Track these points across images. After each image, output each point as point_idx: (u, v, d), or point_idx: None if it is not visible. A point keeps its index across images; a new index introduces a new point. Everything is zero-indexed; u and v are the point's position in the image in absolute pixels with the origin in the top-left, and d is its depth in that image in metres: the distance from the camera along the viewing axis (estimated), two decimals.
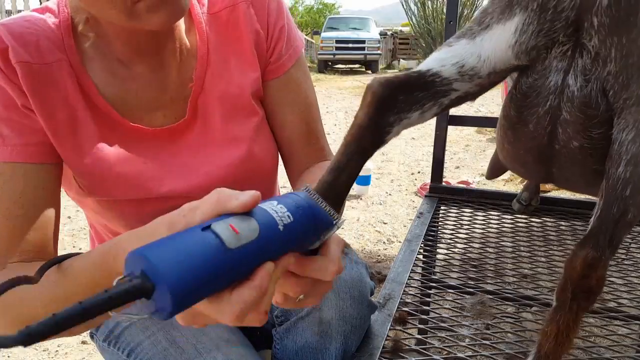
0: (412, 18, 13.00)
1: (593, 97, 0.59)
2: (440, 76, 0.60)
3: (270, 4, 0.76)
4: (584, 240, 0.56)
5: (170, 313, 0.33)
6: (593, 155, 0.63)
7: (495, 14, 0.61)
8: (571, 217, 1.27)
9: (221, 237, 0.36)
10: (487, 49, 0.60)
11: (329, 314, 0.71)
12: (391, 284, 0.94)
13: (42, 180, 0.63)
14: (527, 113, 0.66)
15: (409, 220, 2.90)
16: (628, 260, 1.08)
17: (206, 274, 0.34)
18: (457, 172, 3.87)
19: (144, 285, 0.32)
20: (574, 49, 0.59)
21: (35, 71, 0.62)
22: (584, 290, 0.56)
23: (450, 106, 0.62)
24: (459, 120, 1.49)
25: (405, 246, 1.10)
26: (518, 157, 0.75)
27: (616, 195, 0.56)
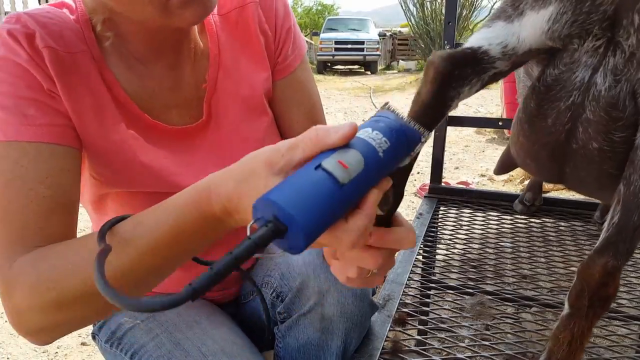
0: (411, 19, 13.00)
1: (621, 98, 0.57)
2: (488, 54, 0.60)
3: (277, 6, 0.77)
4: (602, 248, 0.55)
5: (303, 248, 0.38)
6: (612, 158, 0.62)
7: (529, 1, 0.60)
8: (570, 218, 1.27)
9: (334, 175, 0.39)
10: (524, 32, 0.60)
11: (330, 311, 0.71)
12: (391, 284, 0.94)
13: (68, 163, 0.61)
14: (547, 107, 0.64)
15: (408, 220, 2.90)
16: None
17: (327, 210, 0.38)
18: (457, 172, 3.87)
19: (278, 229, 0.37)
20: (607, 46, 0.57)
21: (61, 57, 0.61)
22: (601, 298, 0.55)
23: (487, 82, 0.63)
24: (458, 121, 1.50)
25: None
26: (532, 152, 0.73)
27: (637, 203, 0.55)
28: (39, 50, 0.60)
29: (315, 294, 0.72)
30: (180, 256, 0.54)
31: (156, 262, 0.53)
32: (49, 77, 0.61)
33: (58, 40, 0.62)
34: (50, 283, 0.52)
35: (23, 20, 0.61)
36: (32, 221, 0.58)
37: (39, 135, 0.59)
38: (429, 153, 1.47)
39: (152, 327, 0.74)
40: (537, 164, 0.76)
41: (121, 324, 0.78)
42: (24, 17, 0.61)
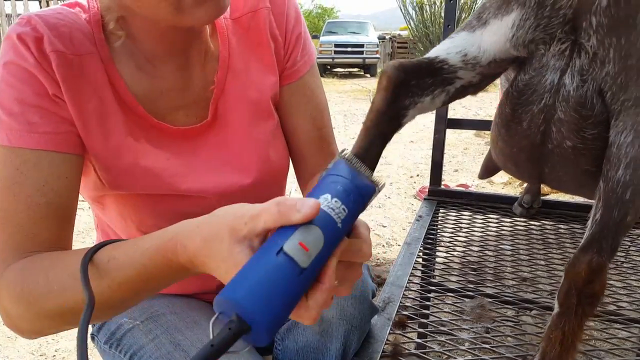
0: (410, 22, 13.02)
1: (589, 97, 0.59)
2: (447, 63, 0.61)
3: (289, 11, 0.78)
4: (587, 245, 0.56)
5: (267, 341, 0.38)
6: (586, 155, 0.64)
7: (492, 9, 0.62)
8: (570, 220, 1.27)
9: (295, 260, 0.39)
10: (486, 40, 0.62)
11: (329, 313, 0.71)
12: (390, 287, 0.94)
13: (65, 170, 0.63)
14: (521, 111, 0.66)
15: (408, 223, 2.90)
16: (627, 264, 1.08)
17: (289, 298, 0.39)
18: (456, 175, 3.87)
19: (242, 329, 0.37)
20: (572, 49, 0.59)
21: (68, 61, 0.63)
22: (589, 296, 0.56)
23: (455, 95, 0.63)
24: (458, 124, 1.50)
25: (404, 249, 1.10)
26: (511, 156, 0.75)
27: (617, 199, 0.56)
28: (46, 54, 0.61)
29: None
30: (151, 291, 0.57)
31: (127, 295, 0.56)
32: (55, 81, 0.62)
33: (67, 42, 0.63)
34: (32, 299, 0.56)
35: (33, 23, 0.62)
36: (26, 227, 0.60)
37: (41, 143, 0.61)
38: (429, 156, 1.47)
39: (151, 328, 0.74)
40: (517, 167, 0.78)
41: (121, 324, 0.77)
42: (34, 20, 0.62)
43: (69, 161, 0.64)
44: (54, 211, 0.62)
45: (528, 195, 1.30)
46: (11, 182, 0.59)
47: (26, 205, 0.60)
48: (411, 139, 5.18)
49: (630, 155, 0.56)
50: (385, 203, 3.28)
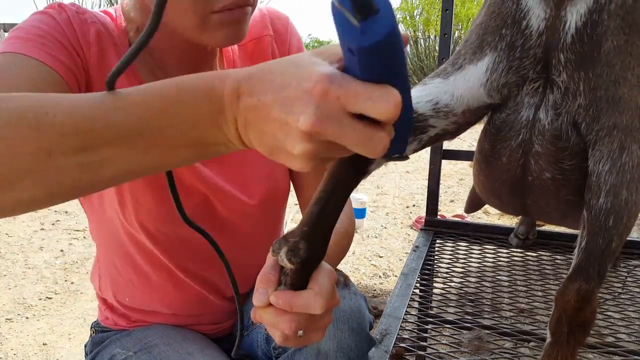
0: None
1: (564, 129, 0.61)
2: (415, 112, 0.61)
3: (291, 40, 0.82)
4: (574, 274, 0.57)
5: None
6: (565, 186, 0.65)
7: (467, 55, 0.64)
8: (566, 251, 1.27)
9: None
10: (460, 87, 0.62)
11: (326, 345, 0.70)
12: (388, 319, 0.93)
13: (58, 84, 0.59)
14: (500, 146, 0.67)
15: (404, 253, 2.88)
16: (625, 295, 1.08)
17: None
18: (452, 205, 3.88)
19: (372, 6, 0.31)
20: (545, 85, 0.61)
21: (106, 36, 0.66)
22: (580, 323, 0.56)
23: (429, 143, 0.64)
24: (453, 155, 1.51)
25: (401, 280, 1.09)
26: (493, 190, 0.76)
27: (600, 226, 0.57)
28: (87, 23, 0.65)
29: None
30: (160, 145, 0.40)
31: (126, 134, 0.39)
32: (85, 49, 0.64)
33: (102, 27, 0.67)
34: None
35: (77, 6, 0.66)
36: None
37: (50, 62, 0.58)
38: (424, 186, 1.48)
39: (139, 356, 0.73)
40: (500, 200, 0.79)
41: (114, 355, 0.77)
42: (78, 5, 0.66)
43: (60, 83, 0.59)
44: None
45: (523, 226, 1.30)
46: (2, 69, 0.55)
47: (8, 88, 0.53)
48: (407, 169, 5.21)
49: (610, 182, 0.58)
50: (381, 233, 3.27)
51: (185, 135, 0.39)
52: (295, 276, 0.47)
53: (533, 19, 0.58)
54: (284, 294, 0.46)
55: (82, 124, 0.37)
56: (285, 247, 0.47)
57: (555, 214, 0.72)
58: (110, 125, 0.38)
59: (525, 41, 0.59)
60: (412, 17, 12.67)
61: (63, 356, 1.78)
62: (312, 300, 0.46)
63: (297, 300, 0.46)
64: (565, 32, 0.57)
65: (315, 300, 0.46)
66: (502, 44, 0.60)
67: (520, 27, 0.59)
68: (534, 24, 0.58)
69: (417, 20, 12.56)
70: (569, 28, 0.56)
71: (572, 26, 0.56)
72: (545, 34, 0.58)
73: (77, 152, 0.37)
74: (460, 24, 10.00)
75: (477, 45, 0.63)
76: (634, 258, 1.21)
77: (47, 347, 1.82)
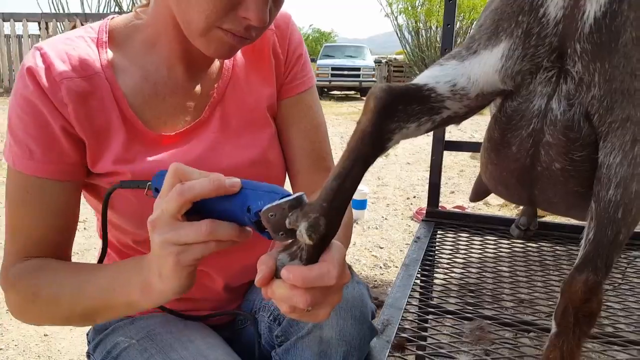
0: (406, 46, 13.23)
1: (576, 120, 0.61)
2: (435, 92, 0.61)
3: (292, 36, 0.86)
4: (582, 265, 0.57)
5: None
6: (575, 177, 0.65)
7: (482, 40, 0.63)
8: (567, 242, 1.27)
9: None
10: (475, 72, 0.62)
11: (329, 333, 0.70)
12: (389, 309, 0.93)
13: (66, 194, 0.71)
14: (510, 135, 0.67)
15: (405, 244, 2.89)
16: (625, 285, 1.08)
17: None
18: (452, 196, 3.88)
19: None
20: (559, 75, 0.60)
21: (77, 84, 0.68)
22: (586, 314, 0.56)
23: (440, 124, 0.63)
24: (455, 146, 1.51)
25: (403, 271, 1.10)
26: (501, 179, 0.75)
27: (609, 218, 0.57)
28: (55, 82, 0.67)
29: None
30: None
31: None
32: (61, 112, 0.68)
33: (75, 66, 0.69)
34: (43, 302, 0.68)
35: (43, 53, 0.68)
36: (34, 238, 0.70)
37: (42, 172, 0.68)
38: (425, 177, 1.48)
39: (147, 347, 0.74)
40: (507, 189, 0.79)
41: (117, 343, 0.78)
42: (44, 49, 0.69)
43: (70, 187, 0.71)
44: (58, 225, 0.71)
45: (524, 217, 1.31)
46: (21, 201, 0.69)
47: (33, 220, 0.69)
48: (407, 161, 5.21)
49: (620, 174, 0.57)
50: (382, 224, 3.28)
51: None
52: (312, 251, 0.47)
53: (551, 7, 0.57)
54: (296, 268, 0.46)
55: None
56: (305, 223, 0.46)
57: (562, 204, 0.72)
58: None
59: (542, 29, 0.58)
60: (414, 8, 12.60)
61: (64, 347, 1.79)
62: (326, 270, 0.46)
63: (311, 273, 0.46)
64: (584, 22, 0.56)
65: (329, 269, 0.46)
66: (518, 30, 0.59)
67: (537, 14, 0.58)
68: (552, 12, 0.57)
69: (418, 10, 12.49)
70: (587, 18, 0.56)
71: (591, 16, 0.55)
72: (562, 22, 0.57)
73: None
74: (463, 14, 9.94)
75: (492, 31, 0.62)
76: (634, 249, 1.21)
77: (48, 338, 1.83)
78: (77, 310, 0.66)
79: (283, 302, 0.48)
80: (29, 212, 0.69)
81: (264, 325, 0.81)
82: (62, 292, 0.66)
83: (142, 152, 0.73)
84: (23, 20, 8.93)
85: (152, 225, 0.53)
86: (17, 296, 0.69)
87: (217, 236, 0.51)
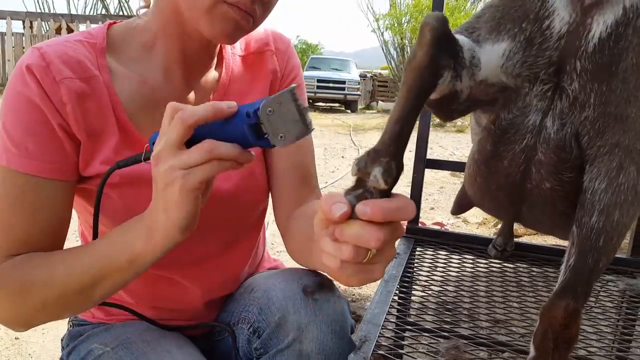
0: (391, 62, 13.40)
1: (567, 141, 0.61)
2: (462, 52, 0.59)
3: (290, 59, 0.89)
4: (562, 291, 0.57)
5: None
6: (562, 197, 0.65)
7: (482, 32, 0.62)
8: (543, 264, 1.30)
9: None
10: (483, 58, 0.62)
11: (309, 347, 0.70)
12: (367, 325, 0.93)
13: (60, 193, 0.70)
14: (503, 149, 0.67)
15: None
16: (597, 308, 1.10)
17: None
18: (432, 213, 3.92)
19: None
20: (554, 91, 0.60)
21: (76, 85, 0.69)
22: (565, 340, 0.57)
23: (447, 96, 0.61)
24: (437, 164, 1.53)
25: (382, 287, 1.10)
26: (489, 192, 0.75)
27: (591, 245, 0.57)
28: (55, 82, 0.67)
29: (294, 329, 0.72)
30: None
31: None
32: (59, 110, 0.67)
33: (75, 67, 0.69)
34: (33, 291, 0.65)
35: (42, 52, 0.68)
36: (24, 237, 0.69)
37: (37, 170, 0.67)
38: (405, 193, 1.50)
39: (121, 356, 0.73)
40: (494, 204, 0.79)
41: (91, 350, 0.77)
42: (44, 49, 0.68)
43: (64, 186, 0.70)
44: (50, 225, 0.70)
45: (501, 238, 1.32)
46: (14, 199, 0.67)
47: (26, 219, 0.68)
48: None
49: (604, 202, 0.57)
50: None
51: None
52: (382, 196, 0.46)
53: (556, 21, 0.57)
54: (374, 201, 0.44)
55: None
56: (379, 167, 0.45)
57: (548, 223, 0.73)
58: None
59: (544, 41, 0.58)
60: (400, 25, 12.76)
61: (35, 351, 1.74)
62: (404, 202, 0.45)
63: (391, 204, 0.44)
64: (588, 41, 0.56)
65: (407, 203, 0.45)
66: (520, 36, 0.59)
67: (541, 25, 0.58)
68: (556, 26, 0.57)
69: (404, 27, 12.66)
70: (592, 37, 0.55)
71: (597, 35, 0.55)
72: (565, 38, 0.57)
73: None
74: None
75: (493, 26, 0.61)
76: (608, 273, 1.24)
77: (19, 342, 1.78)
78: (74, 285, 0.64)
79: (348, 245, 0.44)
80: (22, 212, 0.68)
81: (242, 338, 0.81)
82: (56, 271, 0.65)
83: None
84: (7, 18, 8.78)
85: (156, 158, 0.55)
86: (6, 293, 0.66)
87: (219, 154, 0.53)
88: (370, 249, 0.44)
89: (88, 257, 0.64)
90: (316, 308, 0.73)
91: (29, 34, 8.83)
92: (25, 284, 0.65)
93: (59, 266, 0.65)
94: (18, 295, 0.66)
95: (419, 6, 11.95)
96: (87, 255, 0.65)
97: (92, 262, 0.64)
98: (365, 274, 0.47)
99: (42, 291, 0.65)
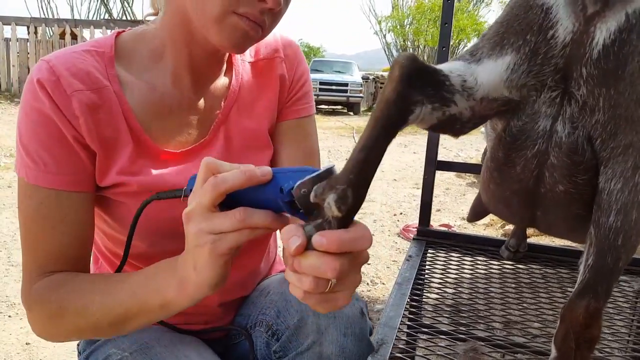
0: None
1: (579, 144, 0.62)
2: (449, 80, 0.60)
3: (299, 65, 0.90)
4: (583, 291, 0.57)
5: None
6: (577, 200, 0.65)
7: (485, 49, 0.64)
8: (557, 265, 1.29)
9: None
10: (482, 76, 0.62)
11: (329, 349, 0.70)
12: (383, 328, 0.93)
13: (82, 205, 0.70)
14: (515, 155, 0.68)
15: (392, 261, 2.90)
16: (612, 309, 1.10)
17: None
18: (439, 214, 3.91)
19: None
20: (563, 97, 0.61)
21: (87, 96, 0.68)
22: (588, 340, 0.57)
23: (446, 121, 0.62)
24: (447, 166, 1.53)
25: (396, 290, 1.10)
26: (503, 199, 0.76)
27: (609, 245, 0.58)
28: (66, 95, 0.66)
29: (314, 332, 0.71)
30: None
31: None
32: (72, 123, 0.67)
33: (84, 79, 0.69)
34: (67, 316, 0.66)
35: (51, 66, 0.67)
36: (52, 252, 0.69)
37: (55, 184, 0.68)
38: (411, 194, 1.49)
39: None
40: (509, 210, 0.79)
41: (109, 355, 0.76)
42: (53, 62, 0.68)
43: (84, 198, 0.70)
44: (75, 237, 0.70)
45: (514, 239, 1.32)
46: (37, 214, 0.68)
47: (51, 234, 0.68)
48: (394, 177, 5.24)
49: (621, 201, 0.58)
50: None
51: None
52: (339, 225, 0.46)
53: (560, 30, 0.59)
54: (330, 232, 0.45)
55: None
56: (334, 195, 0.45)
57: (563, 227, 0.73)
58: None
59: (549, 50, 0.59)
60: (402, 27, 12.78)
61: (47, 356, 1.75)
62: (361, 232, 0.45)
63: (347, 235, 0.44)
64: (592, 48, 0.57)
65: (364, 232, 0.45)
66: (525, 48, 0.60)
67: (546, 36, 0.59)
68: (561, 35, 0.59)
69: (407, 29, 12.67)
70: (596, 44, 0.57)
71: (600, 42, 0.57)
72: (570, 46, 0.58)
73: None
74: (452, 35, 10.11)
75: (497, 42, 0.63)
76: (622, 274, 1.23)
77: (30, 347, 1.79)
78: (108, 318, 0.64)
79: (307, 276, 0.45)
80: (46, 226, 0.68)
81: (260, 341, 0.81)
82: (91, 302, 0.65)
83: (147, 166, 0.73)
84: (12, 24, 8.84)
85: (187, 217, 0.53)
86: (43, 313, 0.68)
87: (251, 223, 0.51)
88: (330, 279, 0.45)
89: (122, 294, 0.63)
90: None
91: (33, 40, 8.87)
92: (60, 310, 0.66)
93: (93, 297, 0.65)
94: (54, 317, 0.67)
95: (421, 8, 11.98)
96: (121, 292, 0.64)
97: (125, 299, 0.63)
98: (329, 303, 0.48)
99: (76, 319, 0.66)
